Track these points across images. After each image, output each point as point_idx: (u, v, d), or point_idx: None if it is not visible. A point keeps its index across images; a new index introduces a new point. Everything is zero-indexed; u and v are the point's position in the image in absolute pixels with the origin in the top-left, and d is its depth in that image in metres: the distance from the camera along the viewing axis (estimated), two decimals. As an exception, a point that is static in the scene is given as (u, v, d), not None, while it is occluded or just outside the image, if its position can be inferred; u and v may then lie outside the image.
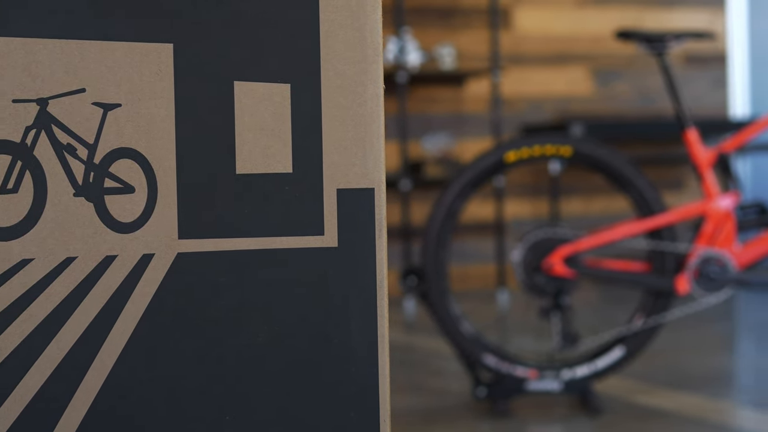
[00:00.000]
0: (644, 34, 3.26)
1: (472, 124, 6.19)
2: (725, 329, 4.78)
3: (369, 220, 0.98)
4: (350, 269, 0.98)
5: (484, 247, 6.15)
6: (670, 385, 3.50)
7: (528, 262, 3.22)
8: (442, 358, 4.06)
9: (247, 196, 0.97)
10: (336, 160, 0.97)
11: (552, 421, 3.14)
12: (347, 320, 0.99)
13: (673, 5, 6.64)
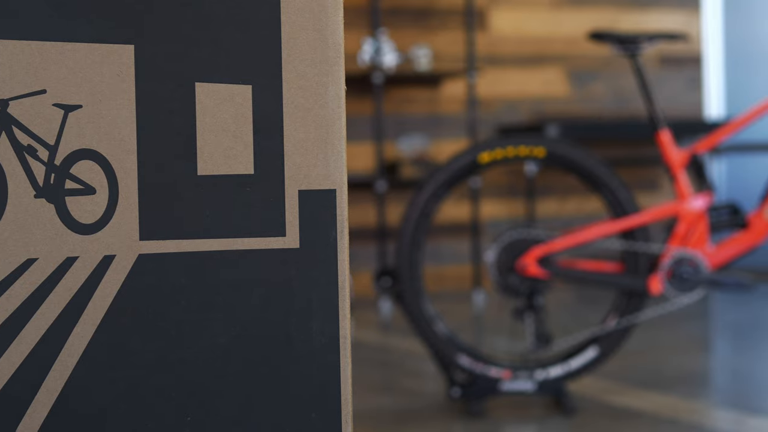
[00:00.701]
0: (617, 36, 3.28)
1: (447, 125, 6.20)
2: (700, 329, 4.81)
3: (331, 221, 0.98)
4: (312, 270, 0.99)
5: (460, 247, 6.17)
6: (644, 385, 3.51)
7: (501, 262, 3.23)
8: (418, 359, 4.07)
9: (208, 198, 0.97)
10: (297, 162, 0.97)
11: (526, 421, 3.15)
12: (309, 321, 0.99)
13: (648, 6, 6.68)
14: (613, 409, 3.21)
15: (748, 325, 4.91)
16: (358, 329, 5.08)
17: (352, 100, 5.99)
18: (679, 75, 6.78)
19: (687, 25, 6.77)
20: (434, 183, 3.23)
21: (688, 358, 4.01)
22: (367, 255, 6.03)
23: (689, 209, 3.25)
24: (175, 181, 0.95)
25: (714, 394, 3.47)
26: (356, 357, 4.43)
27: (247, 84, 0.97)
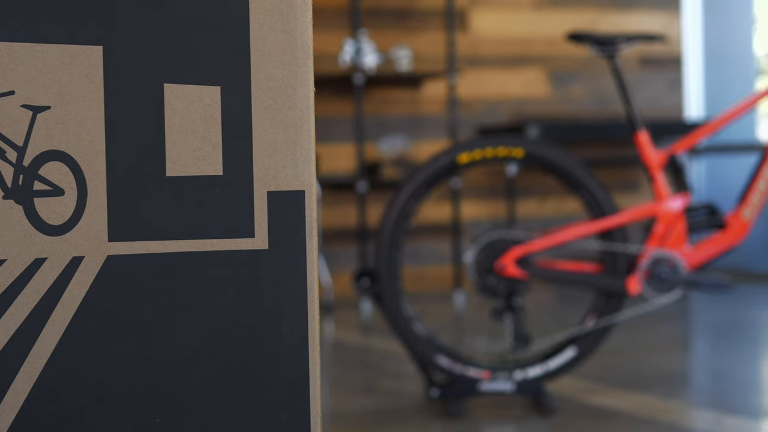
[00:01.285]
0: (595, 37, 3.29)
1: (428, 126, 6.21)
2: (679, 330, 4.83)
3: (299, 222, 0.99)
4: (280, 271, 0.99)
5: (441, 248, 6.17)
6: (623, 385, 3.53)
7: (480, 263, 3.24)
8: (398, 360, 4.07)
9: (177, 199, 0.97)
10: (266, 163, 0.98)
11: (505, 421, 3.15)
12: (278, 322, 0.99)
13: (628, 8, 6.70)
14: (592, 409, 3.22)
15: (727, 325, 4.93)
16: (340, 330, 5.08)
17: (333, 101, 5.99)
18: (660, 76, 6.80)
19: (667, 26, 6.80)
20: (413, 184, 3.23)
21: (667, 358, 4.03)
22: (348, 255, 6.03)
23: (667, 210, 3.27)
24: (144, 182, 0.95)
25: (692, 394, 3.49)
26: (337, 358, 4.43)
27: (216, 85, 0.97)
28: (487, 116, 6.36)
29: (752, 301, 5.65)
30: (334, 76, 5.80)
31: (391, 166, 5.79)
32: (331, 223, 6.02)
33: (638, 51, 6.70)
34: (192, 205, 0.98)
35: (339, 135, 5.99)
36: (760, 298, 5.75)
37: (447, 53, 5.93)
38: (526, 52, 6.44)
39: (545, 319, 4.22)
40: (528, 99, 6.45)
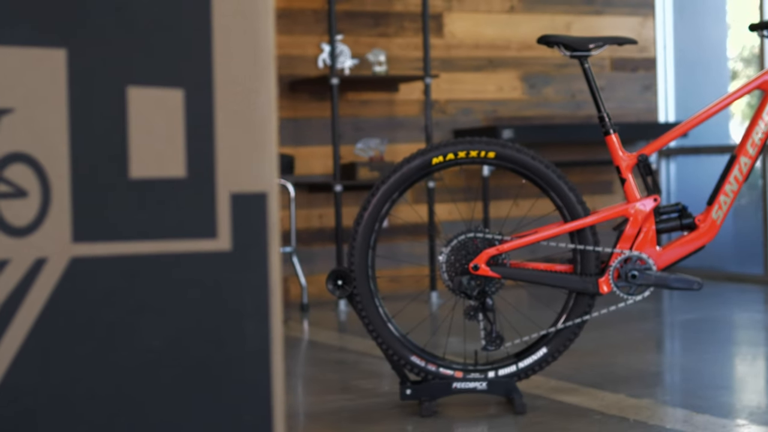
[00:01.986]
0: (565, 40, 3.32)
1: (404, 128, 6.23)
2: (651, 329, 4.87)
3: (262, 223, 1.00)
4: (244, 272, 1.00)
5: (418, 249, 6.20)
6: (594, 384, 3.56)
7: (453, 264, 3.26)
8: (373, 359, 4.09)
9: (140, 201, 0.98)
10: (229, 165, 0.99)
11: (478, 420, 3.18)
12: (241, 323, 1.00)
13: (602, 11, 6.74)
14: (563, 408, 3.25)
15: (698, 324, 4.98)
16: (316, 330, 5.09)
17: (310, 104, 6.00)
18: (633, 79, 6.85)
19: (641, 29, 6.85)
20: (386, 186, 3.26)
21: (638, 357, 4.06)
22: (325, 256, 6.05)
23: (637, 211, 3.30)
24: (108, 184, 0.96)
25: (663, 392, 3.52)
26: (314, 358, 4.44)
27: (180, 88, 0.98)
28: (462, 118, 6.39)
29: (723, 301, 5.70)
30: (311, 79, 5.82)
31: (367, 167, 5.81)
32: (308, 224, 6.03)
33: (612, 54, 6.74)
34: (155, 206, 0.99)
35: (315, 137, 6.01)
36: (731, 298, 5.80)
37: (422, 56, 5.96)
38: (500, 55, 6.47)
39: (519, 318, 4.24)
40: (502, 101, 6.48)
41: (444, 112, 6.34)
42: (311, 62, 6.01)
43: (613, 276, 3.26)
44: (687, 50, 6.98)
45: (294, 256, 5.71)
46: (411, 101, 6.24)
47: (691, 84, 6.98)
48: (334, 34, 5.71)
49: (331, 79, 5.63)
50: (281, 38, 5.94)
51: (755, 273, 6.27)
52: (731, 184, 3.34)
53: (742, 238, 6.68)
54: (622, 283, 3.27)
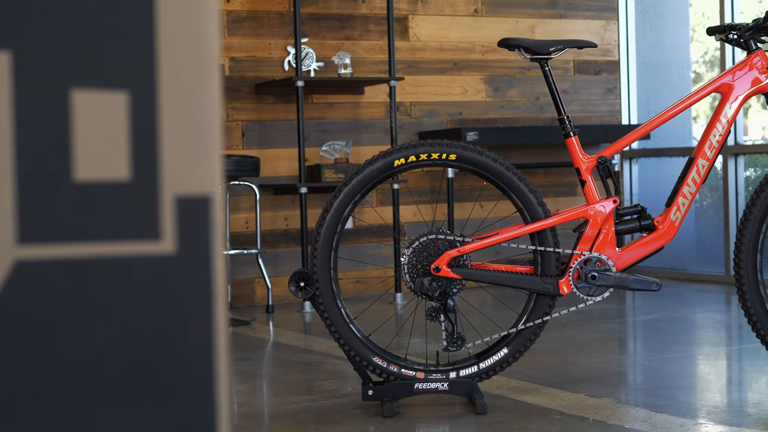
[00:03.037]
0: (526, 43, 3.35)
1: (369, 130, 6.26)
2: (612, 329, 4.91)
3: (206, 226, 1.01)
4: (188, 275, 1.00)
5: (383, 250, 6.22)
6: (555, 384, 3.59)
7: (415, 265, 3.28)
8: (338, 360, 4.11)
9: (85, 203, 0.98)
10: (173, 167, 1.00)
11: (439, 420, 3.20)
12: (185, 326, 1.01)
13: (566, 15, 6.79)
14: (523, 407, 3.28)
15: (660, 325, 5.02)
16: (281, 331, 5.10)
17: (275, 106, 6.01)
18: (597, 81, 6.90)
19: (604, 33, 6.90)
20: (349, 188, 3.28)
21: (598, 357, 4.10)
22: (290, 258, 6.06)
23: (597, 212, 3.34)
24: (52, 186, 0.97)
25: (623, 392, 3.56)
26: (279, 359, 4.45)
27: (124, 90, 0.99)
28: (427, 121, 6.42)
29: (684, 301, 5.75)
30: (277, 82, 5.83)
31: (332, 169, 5.82)
32: (273, 226, 6.04)
33: (575, 57, 6.79)
34: (100, 208, 0.99)
35: (281, 139, 6.02)
36: (693, 299, 5.86)
37: (388, 59, 5.98)
38: (465, 58, 6.50)
39: (480, 319, 4.27)
40: (467, 104, 6.51)
41: (409, 114, 6.37)
42: (277, 65, 6.02)
43: (573, 277, 3.30)
44: (650, 53, 7.05)
45: (260, 258, 5.72)
46: (376, 103, 6.27)
47: (653, 87, 7.04)
48: (300, 36, 5.73)
49: (296, 81, 5.65)
50: (247, 41, 5.95)
51: (717, 273, 6.33)
52: (689, 186, 3.39)
53: (703, 240, 6.75)
54: (582, 284, 3.30)
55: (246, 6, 5.94)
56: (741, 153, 6.29)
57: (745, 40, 3.40)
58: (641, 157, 7.01)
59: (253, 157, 5.66)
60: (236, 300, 5.94)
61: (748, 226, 3.37)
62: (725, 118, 3.38)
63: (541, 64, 3.38)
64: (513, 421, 3.12)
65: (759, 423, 3.04)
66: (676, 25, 7.09)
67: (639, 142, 6.98)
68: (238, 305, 5.94)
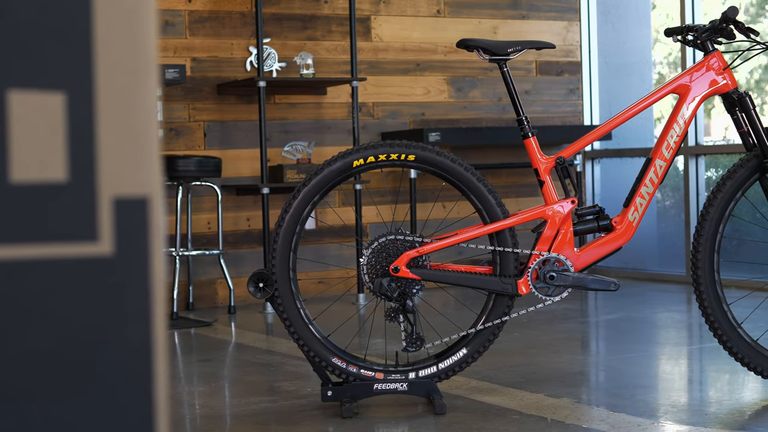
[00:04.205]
0: (484, 44, 3.36)
1: (332, 131, 6.25)
2: (573, 329, 4.93)
3: (144, 227, 1.01)
4: (126, 276, 1.00)
5: (346, 251, 6.22)
6: (514, 384, 3.60)
7: (375, 266, 3.29)
8: (300, 361, 4.10)
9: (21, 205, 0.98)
10: (111, 169, 1.00)
11: (398, 421, 3.21)
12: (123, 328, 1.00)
13: (528, 16, 6.81)
14: (482, 407, 3.29)
15: (621, 324, 5.05)
16: (244, 332, 5.09)
17: (237, 106, 6.00)
18: (559, 82, 6.93)
19: (566, 33, 6.93)
20: (308, 188, 3.27)
21: (559, 357, 4.12)
22: (253, 259, 6.04)
23: (555, 213, 3.35)
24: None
25: (582, 391, 3.58)
26: (240, 360, 4.44)
27: (61, 91, 0.99)
28: (390, 121, 6.42)
29: (645, 301, 5.79)
30: (240, 82, 5.81)
31: (294, 170, 5.82)
32: (236, 226, 6.02)
33: (538, 57, 6.82)
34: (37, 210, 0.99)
35: (243, 139, 6.00)
36: (654, 298, 5.90)
37: (350, 59, 5.98)
38: (427, 58, 6.52)
39: (440, 319, 4.28)
40: (429, 104, 6.52)
41: (372, 115, 6.37)
42: (239, 65, 6.01)
43: (532, 277, 3.31)
44: (612, 54, 7.09)
45: (221, 259, 5.70)
46: (339, 104, 6.26)
47: (615, 87, 7.08)
48: (261, 37, 5.72)
49: (258, 81, 5.63)
50: (209, 41, 5.93)
51: (678, 273, 6.38)
52: (647, 187, 3.41)
53: (665, 240, 6.80)
54: (540, 285, 3.32)
55: (208, 6, 5.92)
56: (702, 153, 6.34)
57: (702, 42, 3.43)
58: (603, 158, 7.05)
59: (214, 158, 5.65)
60: (198, 301, 5.92)
61: (705, 226, 3.39)
62: (682, 119, 3.41)
63: (500, 65, 3.39)
64: (472, 421, 3.13)
65: (716, 422, 3.07)
66: (637, 26, 7.13)
67: (601, 143, 7.02)
68: (200, 306, 5.92)
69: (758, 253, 5.81)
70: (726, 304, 3.40)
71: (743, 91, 3.41)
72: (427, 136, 6.01)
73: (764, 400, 3.39)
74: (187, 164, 5.52)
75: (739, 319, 3.49)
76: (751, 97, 3.40)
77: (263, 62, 5.85)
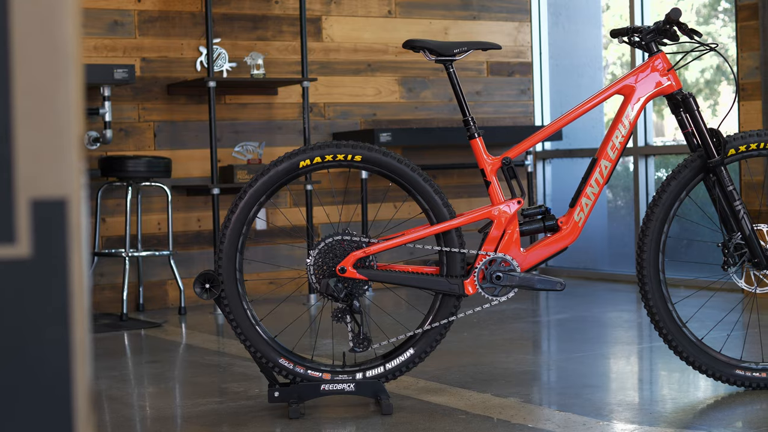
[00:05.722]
0: (430, 45, 3.37)
1: (283, 131, 6.24)
2: (523, 329, 4.95)
3: (63, 229, 1.00)
4: (44, 279, 0.99)
5: (298, 251, 6.21)
6: (461, 384, 3.61)
7: (321, 266, 3.28)
8: (249, 362, 4.09)
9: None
10: (29, 170, 0.99)
11: (345, 421, 3.21)
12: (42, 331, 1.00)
13: (479, 17, 6.84)
14: (429, 408, 3.29)
15: (571, 324, 5.08)
16: (194, 333, 5.07)
17: (188, 107, 5.97)
18: (510, 83, 6.96)
19: (517, 34, 6.96)
20: (254, 189, 3.27)
21: (507, 357, 4.13)
22: (203, 259, 6.01)
23: (501, 213, 3.36)
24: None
25: (529, 391, 3.59)
26: (189, 361, 4.42)
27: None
28: (341, 122, 6.42)
29: (596, 300, 5.83)
30: (189, 82, 5.78)
31: (245, 170, 5.80)
32: (186, 227, 5.99)
33: (489, 58, 6.84)
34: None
35: (193, 140, 5.98)
36: (604, 298, 5.94)
37: (301, 60, 5.97)
38: (378, 59, 6.52)
39: (388, 320, 4.29)
40: (381, 105, 6.53)
41: (323, 115, 6.37)
42: (189, 65, 5.98)
43: (479, 277, 3.32)
44: (562, 55, 7.13)
45: (171, 260, 5.67)
46: (290, 104, 6.25)
47: (566, 88, 7.12)
48: (212, 37, 5.69)
49: (208, 82, 5.61)
50: (159, 41, 5.90)
51: (628, 273, 6.43)
52: (592, 187, 3.43)
53: (615, 240, 6.85)
54: (487, 285, 3.33)
55: (157, 6, 5.89)
56: (651, 154, 6.40)
57: (646, 43, 3.46)
58: (554, 158, 7.09)
59: (164, 158, 5.62)
60: (148, 302, 5.88)
61: (650, 226, 3.42)
62: (627, 120, 3.43)
63: (446, 65, 3.39)
64: (418, 421, 3.13)
65: (661, 421, 3.09)
66: (588, 27, 7.18)
67: (552, 143, 7.06)
68: (150, 307, 5.88)
69: (707, 253, 5.87)
70: (671, 304, 3.43)
71: (687, 92, 3.44)
72: (379, 137, 6.01)
73: (710, 398, 3.42)
74: (136, 165, 5.49)
75: (685, 319, 3.53)
76: (695, 98, 3.44)
77: (213, 62, 5.82)
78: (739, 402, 3.34)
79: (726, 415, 3.25)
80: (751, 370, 3.43)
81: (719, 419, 3.16)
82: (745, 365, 3.43)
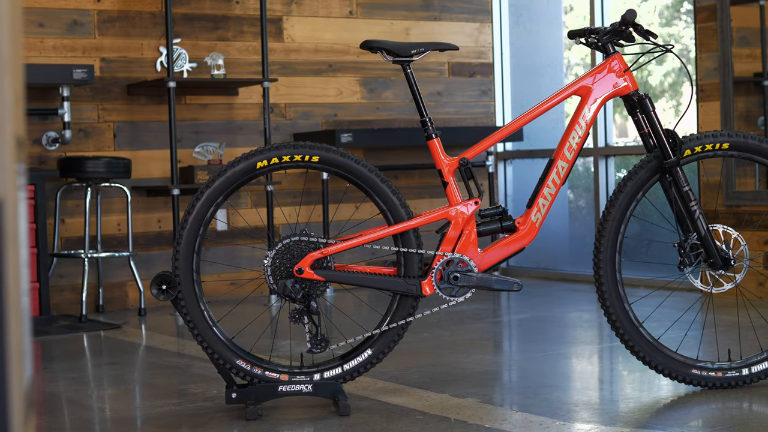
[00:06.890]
0: (387, 45, 3.37)
1: (243, 132, 6.22)
2: (483, 330, 4.96)
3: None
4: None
5: (259, 252, 6.19)
6: (420, 385, 3.62)
7: (279, 267, 3.28)
8: (208, 363, 4.07)
9: None
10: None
11: (302, 422, 3.20)
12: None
13: (440, 17, 6.85)
14: (387, 408, 3.30)
15: (531, 324, 5.10)
16: (154, 335, 5.04)
17: (148, 107, 5.94)
18: (472, 83, 6.98)
19: (478, 35, 6.98)
20: (211, 189, 3.26)
21: (467, 357, 4.14)
22: (164, 260, 5.99)
23: (459, 214, 3.37)
24: None
25: (487, 391, 3.60)
26: (149, 362, 4.40)
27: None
28: (302, 122, 6.41)
29: (556, 300, 5.86)
30: (150, 83, 5.76)
31: (205, 171, 5.78)
32: (146, 228, 5.96)
33: (450, 59, 6.86)
34: None
35: (153, 140, 5.95)
36: (564, 298, 5.97)
37: (262, 60, 5.96)
38: (340, 59, 6.52)
39: (346, 321, 4.29)
40: (342, 105, 6.52)
41: (284, 115, 6.36)
42: (149, 65, 5.95)
43: (436, 278, 3.33)
44: (523, 56, 7.16)
45: (131, 261, 5.64)
46: (250, 105, 6.24)
47: (528, 89, 7.15)
48: (172, 37, 5.67)
49: (168, 82, 5.59)
50: (118, 41, 5.86)
51: (589, 273, 6.46)
52: (549, 188, 3.45)
53: (576, 240, 6.88)
54: (444, 285, 3.33)
55: (117, 6, 5.86)
56: (611, 154, 6.43)
57: (603, 44, 3.47)
58: (515, 159, 7.11)
59: (124, 159, 5.59)
60: (108, 303, 5.85)
61: (607, 227, 3.44)
62: (584, 120, 3.45)
63: (403, 66, 3.40)
64: (376, 422, 3.14)
65: (618, 420, 3.11)
66: (549, 27, 7.21)
67: (513, 144, 7.08)
68: (110, 309, 5.85)
69: (666, 253, 5.92)
70: (627, 303, 3.45)
71: (644, 93, 3.46)
72: (340, 138, 6.01)
73: (668, 398, 3.45)
74: (96, 165, 5.46)
75: (642, 318, 3.55)
76: (650, 99, 3.46)
77: (174, 63, 5.80)
78: (696, 401, 3.37)
79: (682, 414, 3.27)
80: (707, 369, 3.45)
81: (675, 418, 3.18)
82: (701, 365, 3.46)
